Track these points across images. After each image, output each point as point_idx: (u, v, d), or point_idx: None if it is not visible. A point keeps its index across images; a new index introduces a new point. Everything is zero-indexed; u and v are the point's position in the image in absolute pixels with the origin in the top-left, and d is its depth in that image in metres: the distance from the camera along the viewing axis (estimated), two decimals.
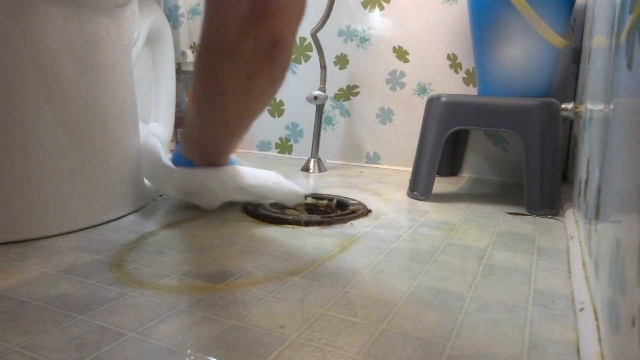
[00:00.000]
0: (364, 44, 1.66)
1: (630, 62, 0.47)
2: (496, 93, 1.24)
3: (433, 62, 1.57)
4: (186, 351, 0.48)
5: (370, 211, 1.07)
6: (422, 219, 1.02)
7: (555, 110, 1.09)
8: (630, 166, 0.42)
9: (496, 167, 1.55)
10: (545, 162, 1.08)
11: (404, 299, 0.62)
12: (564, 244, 0.87)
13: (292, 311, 0.57)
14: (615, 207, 0.48)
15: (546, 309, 0.60)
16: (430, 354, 0.49)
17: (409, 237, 0.89)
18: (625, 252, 0.40)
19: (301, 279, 0.67)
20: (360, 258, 0.77)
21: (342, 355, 0.48)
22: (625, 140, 0.46)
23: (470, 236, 0.90)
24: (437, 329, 0.54)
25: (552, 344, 0.52)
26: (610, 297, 0.45)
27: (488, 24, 1.20)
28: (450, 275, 0.70)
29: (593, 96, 0.84)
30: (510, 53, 1.20)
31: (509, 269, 0.73)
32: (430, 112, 1.22)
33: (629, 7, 0.50)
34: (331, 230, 0.92)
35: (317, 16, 1.55)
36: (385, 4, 1.60)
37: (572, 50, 1.41)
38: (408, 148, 1.64)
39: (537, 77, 1.21)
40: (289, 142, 1.86)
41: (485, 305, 0.60)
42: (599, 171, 0.64)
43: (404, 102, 1.63)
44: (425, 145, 1.21)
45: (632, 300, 0.36)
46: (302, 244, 0.83)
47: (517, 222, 1.02)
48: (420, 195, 1.20)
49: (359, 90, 1.70)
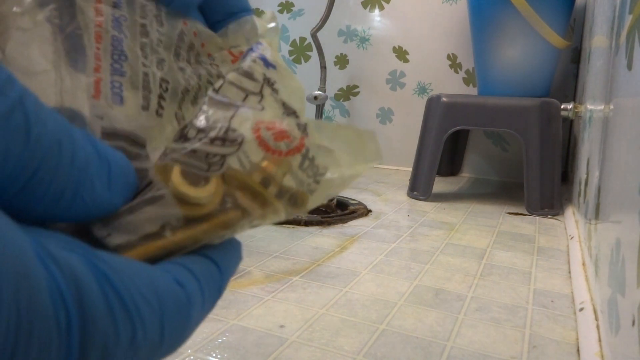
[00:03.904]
0: (364, 44, 1.66)
1: (630, 62, 0.47)
2: (496, 93, 1.24)
3: (433, 62, 1.57)
4: (186, 351, 0.48)
5: (370, 211, 1.07)
6: (422, 219, 1.02)
7: (555, 110, 1.09)
8: (630, 166, 0.42)
9: (496, 167, 1.55)
10: (545, 162, 1.08)
11: (404, 299, 0.62)
12: (564, 244, 0.87)
13: (292, 311, 0.57)
14: (615, 207, 0.48)
15: (546, 309, 0.60)
16: (430, 354, 0.49)
17: (409, 237, 0.89)
18: (625, 252, 0.40)
19: (301, 279, 0.67)
20: (360, 258, 0.77)
21: (342, 355, 0.48)
22: (625, 140, 0.46)
23: (470, 236, 0.90)
24: (437, 329, 0.54)
25: (552, 344, 0.52)
26: (610, 297, 0.45)
27: (488, 24, 1.21)
28: (450, 275, 0.70)
29: (593, 96, 0.84)
30: (510, 53, 1.20)
31: (509, 269, 0.73)
32: (430, 112, 1.22)
33: (628, 7, 0.50)
34: (331, 230, 0.92)
35: (317, 16, 1.55)
36: (385, 4, 1.60)
37: (572, 50, 1.41)
38: (408, 148, 1.64)
39: (537, 77, 1.21)
40: None
41: (485, 305, 0.60)
42: (599, 171, 0.64)
43: (404, 102, 1.63)
44: (425, 145, 1.21)
45: (632, 300, 0.36)
46: (302, 244, 0.83)
47: (517, 222, 1.02)
48: (420, 195, 1.20)
49: (359, 90, 1.70)
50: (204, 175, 0.15)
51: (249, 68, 0.18)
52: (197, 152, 0.16)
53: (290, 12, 1.75)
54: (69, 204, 0.13)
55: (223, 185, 0.16)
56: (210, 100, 0.17)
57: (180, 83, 0.19)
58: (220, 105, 0.17)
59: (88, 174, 0.13)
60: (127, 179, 0.15)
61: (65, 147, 0.12)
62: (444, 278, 0.69)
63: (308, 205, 0.17)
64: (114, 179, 0.14)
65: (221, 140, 0.16)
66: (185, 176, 0.15)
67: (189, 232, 0.15)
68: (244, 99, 0.17)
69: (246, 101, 0.17)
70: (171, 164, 0.15)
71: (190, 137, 0.16)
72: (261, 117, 0.17)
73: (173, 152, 0.16)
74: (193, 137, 0.16)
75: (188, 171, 0.15)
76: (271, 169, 0.16)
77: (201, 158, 0.15)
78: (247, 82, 0.18)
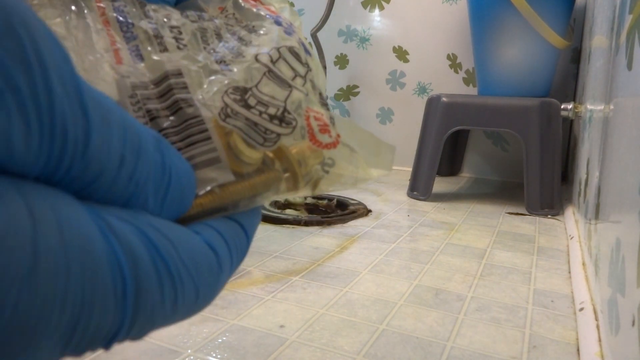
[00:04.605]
0: (364, 44, 1.66)
1: (630, 62, 0.47)
2: (496, 93, 1.24)
3: (433, 62, 1.57)
4: (186, 351, 0.48)
5: (370, 211, 1.07)
6: (422, 219, 1.02)
7: (555, 110, 1.09)
8: (630, 166, 0.42)
9: (496, 167, 1.55)
10: (545, 162, 1.08)
11: (404, 299, 0.62)
12: (564, 244, 0.87)
13: (292, 311, 0.57)
14: (615, 207, 0.48)
15: (546, 309, 0.60)
16: (430, 354, 0.49)
17: (409, 237, 0.89)
18: (625, 252, 0.40)
19: (301, 279, 0.67)
20: (360, 258, 0.77)
21: (342, 355, 0.48)
22: (625, 140, 0.46)
23: (470, 236, 0.90)
24: (437, 329, 0.54)
25: (552, 344, 0.52)
26: (610, 297, 0.45)
27: (488, 24, 1.21)
28: (450, 275, 0.70)
29: (593, 96, 0.84)
30: (510, 53, 1.20)
31: (509, 269, 0.73)
32: (430, 112, 1.22)
33: (628, 7, 0.50)
34: (331, 230, 0.92)
35: (317, 16, 1.55)
36: (385, 4, 1.60)
37: (572, 50, 1.41)
38: (408, 148, 1.64)
39: (537, 77, 1.21)
40: None
41: (485, 305, 0.60)
42: (599, 171, 0.64)
43: (404, 102, 1.63)
44: (425, 145, 1.21)
45: (632, 300, 0.36)
46: (302, 244, 0.83)
47: (517, 222, 1.02)
48: (420, 195, 1.20)
49: (359, 90, 1.70)
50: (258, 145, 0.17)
51: (297, 50, 0.20)
52: (257, 125, 0.17)
53: None
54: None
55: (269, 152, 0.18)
56: (269, 74, 0.18)
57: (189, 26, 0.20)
58: (277, 81, 0.18)
59: (144, 190, 0.14)
60: (183, 196, 0.15)
61: (127, 163, 0.13)
62: (444, 278, 0.69)
63: (317, 190, 0.20)
64: (170, 196, 0.15)
65: (279, 120, 0.18)
66: (244, 141, 0.17)
67: (234, 189, 0.17)
68: (293, 78, 0.19)
69: (294, 81, 0.19)
70: (232, 130, 0.17)
71: (251, 105, 0.17)
72: (308, 104, 0.19)
73: (236, 116, 0.17)
74: (253, 106, 0.17)
75: (246, 139, 0.17)
76: (309, 154, 0.19)
77: (260, 131, 0.17)
78: (296, 64, 0.19)
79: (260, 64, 0.18)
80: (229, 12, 0.21)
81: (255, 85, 0.18)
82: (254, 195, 0.18)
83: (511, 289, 0.66)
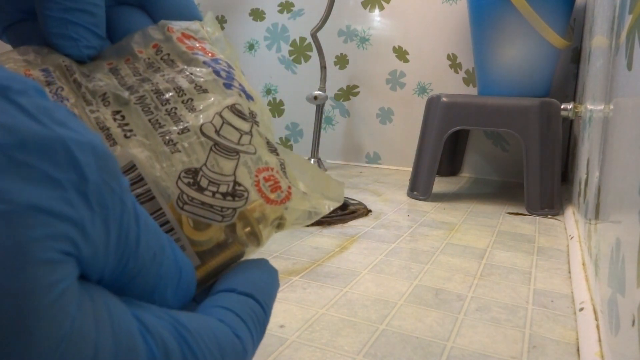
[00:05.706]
0: (364, 44, 1.66)
1: (630, 62, 0.47)
2: (496, 93, 1.24)
3: (433, 62, 1.57)
4: None
5: (370, 211, 1.07)
6: (422, 219, 1.02)
7: (555, 110, 1.09)
8: (630, 166, 0.42)
9: (496, 167, 1.55)
10: (545, 162, 1.08)
11: (404, 299, 0.62)
12: (564, 244, 0.87)
13: (292, 311, 0.57)
14: (615, 207, 0.48)
15: (546, 309, 0.60)
16: (430, 354, 0.49)
17: (409, 237, 0.89)
18: (625, 252, 0.40)
19: (301, 279, 0.67)
20: (360, 258, 0.77)
21: (342, 355, 0.48)
22: (625, 140, 0.46)
23: (470, 236, 0.90)
24: (437, 329, 0.54)
25: (552, 344, 0.52)
26: (610, 297, 0.45)
27: (488, 24, 1.21)
28: (450, 275, 0.70)
29: (593, 96, 0.84)
30: (510, 53, 1.20)
31: (509, 269, 0.73)
32: (430, 112, 1.22)
33: (628, 7, 0.50)
34: (331, 230, 0.92)
35: (317, 16, 1.55)
36: (385, 4, 1.60)
37: (572, 50, 1.41)
38: (408, 148, 1.64)
39: (537, 77, 1.21)
40: (289, 142, 1.87)
41: (485, 305, 0.60)
42: (599, 171, 0.64)
43: (404, 102, 1.63)
44: (425, 145, 1.22)
45: (632, 300, 0.36)
46: (302, 244, 0.83)
47: (517, 222, 1.02)
48: (420, 195, 1.20)
49: (359, 90, 1.70)
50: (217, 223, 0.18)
51: (239, 106, 0.20)
52: (213, 206, 0.18)
53: (290, 12, 1.75)
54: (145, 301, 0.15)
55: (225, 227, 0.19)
56: (216, 147, 0.19)
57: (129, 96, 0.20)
58: (224, 152, 0.19)
59: (164, 282, 0.15)
60: (188, 289, 0.17)
61: (157, 259, 0.15)
62: (444, 278, 0.69)
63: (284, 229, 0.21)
64: (180, 287, 0.16)
65: (231, 196, 0.18)
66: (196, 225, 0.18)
67: (203, 269, 0.18)
68: (239, 139, 0.19)
69: (241, 142, 0.19)
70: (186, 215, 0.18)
71: (204, 187, 0.18)
72: (256, 163, 0.19)
73: (192, 202, 0.18)
74: (206, 188, 0.18)
75: (203, 221, 0.18)
76: (268, 211, 0.19)
77: (217, 211, 0.18)
78: (240, 123, 0.20)
79: (205, 138, 0.19)
80: (164, 53, 0.21)
81: (204, 164, 0.18)
82: (220, 271, 0.19)
83: (511, 289, 0.66)
